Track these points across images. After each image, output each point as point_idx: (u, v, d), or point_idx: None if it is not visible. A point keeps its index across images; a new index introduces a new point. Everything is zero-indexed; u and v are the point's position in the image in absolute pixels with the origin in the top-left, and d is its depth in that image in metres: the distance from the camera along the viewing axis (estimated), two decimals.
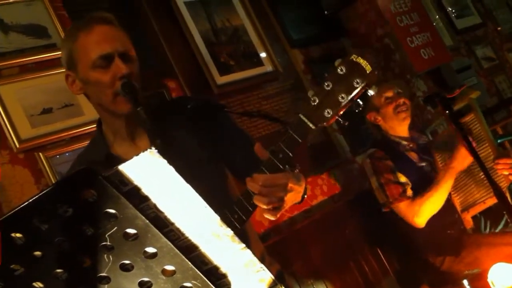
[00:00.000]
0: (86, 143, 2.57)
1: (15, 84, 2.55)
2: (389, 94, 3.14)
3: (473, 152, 2.65)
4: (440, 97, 2.69)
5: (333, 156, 3.72)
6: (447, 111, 2.67)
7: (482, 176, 2.90)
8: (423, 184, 2.95)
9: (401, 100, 3.11)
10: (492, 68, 5.15)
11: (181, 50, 3.26)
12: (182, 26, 3.28)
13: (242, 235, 1.70)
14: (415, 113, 4.00)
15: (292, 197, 1.43)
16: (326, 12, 4.18)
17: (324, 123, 1.37)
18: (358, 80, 1.33)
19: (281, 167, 1.39)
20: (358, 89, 1.33)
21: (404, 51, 4.11)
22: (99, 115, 1.82)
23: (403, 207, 2.93)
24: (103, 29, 1.65)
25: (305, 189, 1.55)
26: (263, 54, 3.60)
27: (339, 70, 1.34)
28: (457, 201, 3.09)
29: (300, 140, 1.37)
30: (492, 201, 2.96)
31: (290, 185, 1.39)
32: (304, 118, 1.37)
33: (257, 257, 1.72)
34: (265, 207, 1.38)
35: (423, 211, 2.88)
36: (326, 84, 1.36)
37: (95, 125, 2.59)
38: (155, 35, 3.20)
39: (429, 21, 4.49)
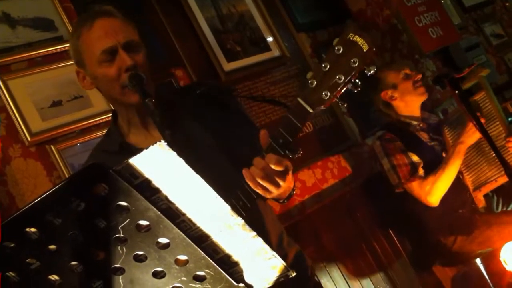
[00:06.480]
0: (96, 134, 2.61)
1: (24, 78, 2.56)
2: (407, 71, 3.22)
3: (482, 130, 2.64)
4: (449, 77, 2.68)
5: (343, 139, 3.71)
6: (456, 91, 2.66)
7: (494, 155, 2.90)
8: (434, 163, 2.96)
9: (419, 76, 3.19)
10: (502, 45, 5.08)
11: (188, 38, 3.26)
12: (188, 14, 3.27)
13: (257, 218, 1.73)
14: None
15: (284, 187, 1.42)
16: None
17: (322, 106, 1.34)
18: (355, 60, 1.28)
19: (282, 152, 1.37)
20: (356, 69, 1.29)
21: (412, 31, 4.06)
22: (113, 106, 1.84)
23: (415, 187, 2.94)
24: (104, 22, 1.66)
25: (293, 187, 1.56)
26: (269, 39, 3.59)
27: (336, 49, 1.31)
28: (469, 180, 3.09)
29: (299, 125, 1.35)
30: (504, 179, 2.95)
31: (289, 172, 1.38)
32: (302, 102, 1.34)
33: (273, 239, 1.74)
34: (262, 193, 1.39)
35: (435, 189, 2.89)
36: (323, 65, 1.32)
37: (104, 117, 2.64)
38: (161, 24, 3.19)
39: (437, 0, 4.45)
